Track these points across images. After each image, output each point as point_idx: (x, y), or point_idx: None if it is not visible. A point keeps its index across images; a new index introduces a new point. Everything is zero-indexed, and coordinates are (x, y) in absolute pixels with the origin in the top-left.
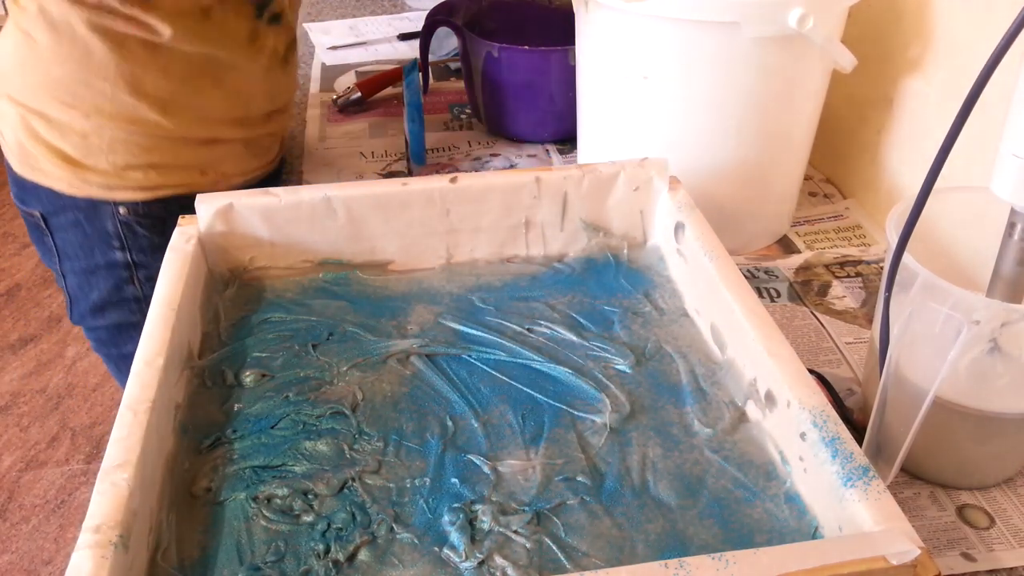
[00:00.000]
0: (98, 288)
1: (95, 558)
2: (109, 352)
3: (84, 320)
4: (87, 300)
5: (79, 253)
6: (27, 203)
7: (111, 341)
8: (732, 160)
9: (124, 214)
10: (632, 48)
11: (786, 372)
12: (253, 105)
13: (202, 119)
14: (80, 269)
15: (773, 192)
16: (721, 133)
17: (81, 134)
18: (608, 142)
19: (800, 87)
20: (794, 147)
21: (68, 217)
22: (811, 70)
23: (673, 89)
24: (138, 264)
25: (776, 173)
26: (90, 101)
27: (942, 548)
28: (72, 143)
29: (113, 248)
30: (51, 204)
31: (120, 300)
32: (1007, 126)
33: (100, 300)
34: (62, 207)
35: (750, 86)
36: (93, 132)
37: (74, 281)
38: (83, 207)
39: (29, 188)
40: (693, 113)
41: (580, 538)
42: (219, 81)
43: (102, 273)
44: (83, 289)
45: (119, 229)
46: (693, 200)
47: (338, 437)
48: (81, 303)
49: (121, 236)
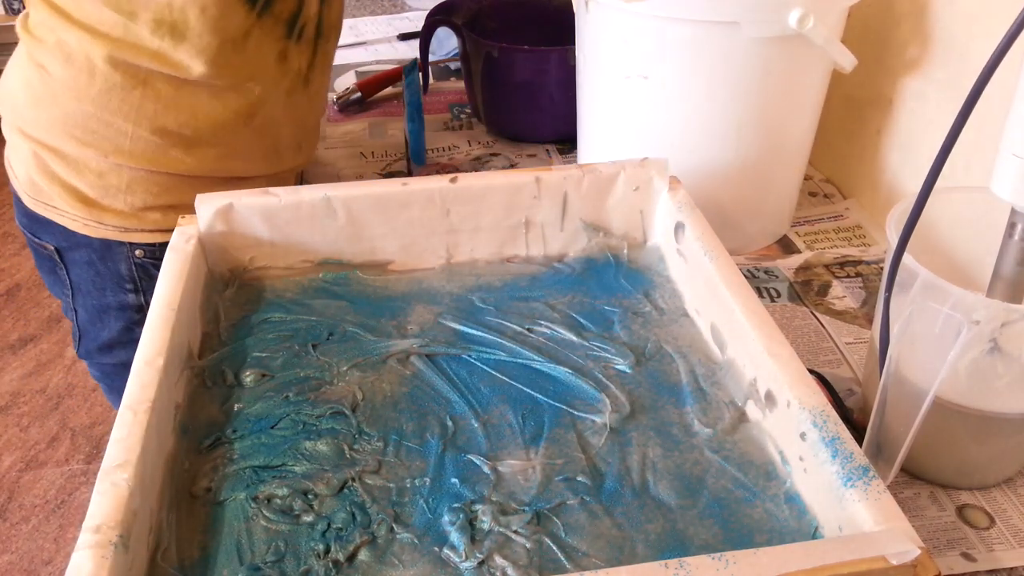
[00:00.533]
0: (108, 328)
1: (95, 558)
2: (111, 384)
3: (91, 356)
4: (97, 338)
5: (92, 291)
6: (39, 236)
7: (116, 374)
8: (732, 160)
9: (139, 256)
10: (632, 48)
11: (786, 372)
12: (281, 136)
13: (227, 156)
14: (92, 306)
15: (773, 192)
16: (721, 133)
17: (98, 173)
18: (608, 142)
19: (800, 87)
20: (794, 147)
21: (81, 255)
22: (811, 70)
23: (673, 89)
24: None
25: (776, 173)
26: (109, 139)
27: (942, 548)
28: (88, 182)
29: (126, 291)
30: (65, 240)
31: (130, 341)
32: (1007, 126)
33: (110, 339)
34: (76, 244)
35: (750, 86)
36: (111, 171)
37: (85, 317)
38: (97, 247)
39: (42, 221)
40: (693, 113)
41: (580, 538)
42: (249, 116)
43: (113, 313)
44: (94, 326)
45: (133, 272)
46: (693, 200)
47: (338, 437)
48: (90, 339)
49: (135, 279)
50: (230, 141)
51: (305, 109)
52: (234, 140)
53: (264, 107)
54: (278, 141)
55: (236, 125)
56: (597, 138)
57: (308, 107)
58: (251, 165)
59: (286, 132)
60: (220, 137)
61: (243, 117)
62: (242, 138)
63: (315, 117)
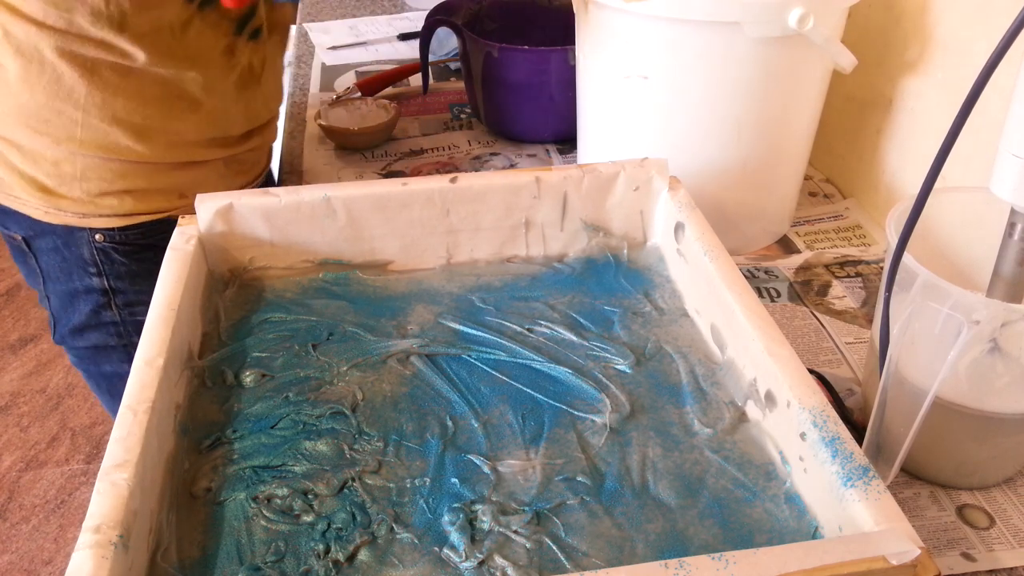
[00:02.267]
0: (78, 311)
1: (95, 558)
2: (88, 369)
3: (65, 340)
4: (68, 322)
5: (60, 276)
6: (7, 227)
7: (91, 359)
8: (732, 160)
9: (100, 240)
10: (632, 48)
11: (786, 372)
12: (231, 126)
13: (178, 143)
14: (62, 291)
15: (773, 192)
16: (721, 134)
17: (53, 162)
18: (608, 142)
19: (800, 87)
20: (794, 147)
21: (48, 241)
22: (811, 70)
23: (673, 89)
24: (115, 290)
25: (776, 173)
26: (61, 128)
27: (942, 548)
28: (45, 171)
29: (90, 274)
30: (31, 229)
31: (99, 324)
32: (1007, 126)
33: (80, 323)
34: (41, 232)
35: (750, 86)
36: (65, 160)
37: (56, 302)
38: (60, 233)
39: (9, 212)
40: (693, 113)
41: (580, 538)
42: (195, 104)
43: (81, 297)
44: (65, 311)
45: (95, 256)
46: (693, 200)
47: (338, 437)
48: (63, 324)
49: (98, 263)
50: (179, 129)
51: (259, 104)
52: (183, 128)
53: (212, 97)
54: (228, 131)
55: (183, 113)
56: (597, 138)
57: (263, 101)
58: (203, 151)
59: (237, 124)
60: (168, 124)
61: (189, 105)
62: (190, 126)
63: (269, 112)
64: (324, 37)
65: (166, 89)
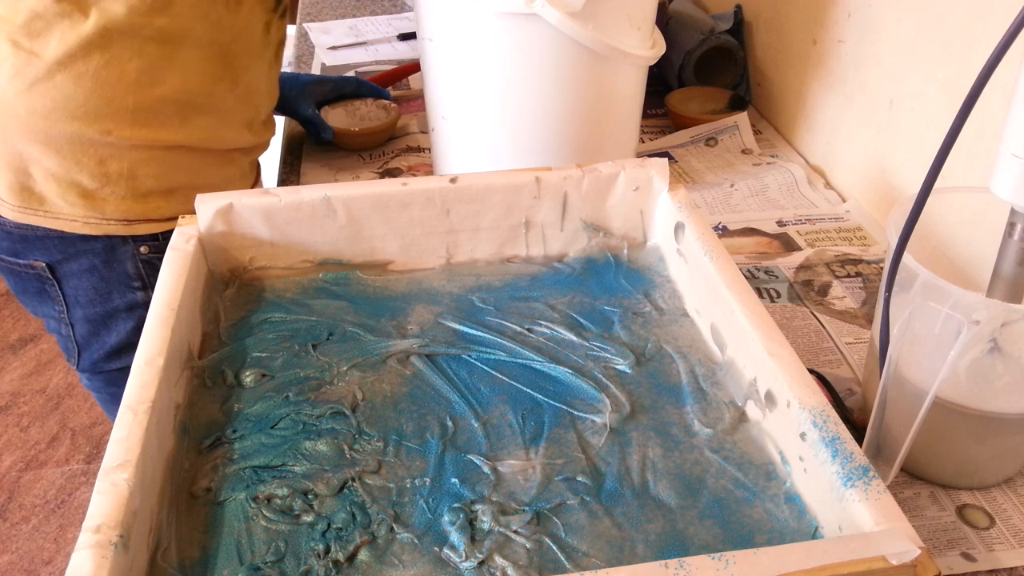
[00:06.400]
0: (116, 331)
1: (95, 558)
2: (115, 392)
3: (96, 366)
4: (102, 346)
5: (94, 299)
6: (25, 255)
7: (122, 382)
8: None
9: (145, 252)
10: (422, 11)
11: (786, 372)
12: (260, 105)
13: (218, 124)
14: (95, 315)
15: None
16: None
17: (99, 160)
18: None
19: (563, 74)
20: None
21: (82, 263)
22: (561, 53)
23: (453, 55)
24: None
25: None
26: (110, 117)
27: (942, 548)
28: (89, 171)
29: (134, 289)
30: (60, 252)
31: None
32: (1007, 126)
33: (118, 343)
34: (74, 253)
35: (499, 64)
36: (112, 157)
37: (85, 329)
38: (99, 251)
39: (29, 239)
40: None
41: (580, 538)
42: (235, 81)
43: (121, 316)
44: (97, 335)
45: (140, 269)
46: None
47: (338, 437)
48: (94, 350)
49: (143, 275)
50: (218, 105)
51: (275, 82)
52: (222, 105)
53: (247, 74)
54: (258, 112)
55: (223, 90)
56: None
57: (275, 82)
58: (236, 135)
59: (265, 103)
60: (210, 102)
61: (228, 82)
62: (228, 104)
63: (276, 95)
64: (324, 37)
65: (210, 64)
